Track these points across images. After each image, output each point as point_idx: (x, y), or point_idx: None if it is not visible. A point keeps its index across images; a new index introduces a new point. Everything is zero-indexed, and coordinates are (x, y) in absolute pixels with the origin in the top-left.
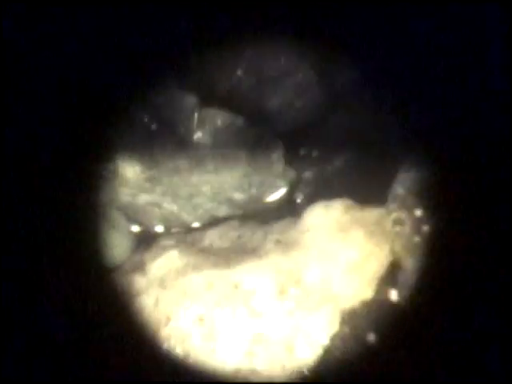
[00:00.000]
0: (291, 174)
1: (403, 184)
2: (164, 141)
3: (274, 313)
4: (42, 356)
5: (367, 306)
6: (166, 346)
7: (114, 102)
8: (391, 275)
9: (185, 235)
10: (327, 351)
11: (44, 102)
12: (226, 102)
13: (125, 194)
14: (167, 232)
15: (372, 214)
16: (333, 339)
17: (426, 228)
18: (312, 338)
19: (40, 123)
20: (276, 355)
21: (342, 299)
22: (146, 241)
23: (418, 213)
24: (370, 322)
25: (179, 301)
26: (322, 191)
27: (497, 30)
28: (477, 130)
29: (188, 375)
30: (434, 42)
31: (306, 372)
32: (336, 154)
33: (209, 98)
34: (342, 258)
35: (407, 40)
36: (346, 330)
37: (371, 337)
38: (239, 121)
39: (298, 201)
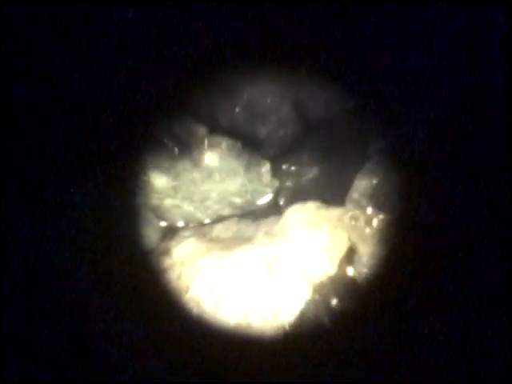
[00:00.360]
0: (276, 183)
1: (358, 190)
2: (183, 160)
3: (264, 284)
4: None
5: (332, 279)
6: (186, 308)
7: (148, 132)
8: (349, 257)
9: (199, 228)
10: (302, 312)
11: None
12: (228, 131)
13: (155, 199)
14: (186, 226)
15: (335, 212)
16: (306, 304)
17: (374, 222)
18: (291, 303)
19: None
20: (265, 315)
21: (313, 274)
22: (171, 233)
23: (369, 211)
24: (333, 291)
25: (195, 276)
26: (299, 196)
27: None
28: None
29: (202, 328)
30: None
31: (287, 327)
32: (308, 168)
33: (215, 129)
34: (313, 245)
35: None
36: (316, 296)
37: (334, 302)
38: (238, 145)
39: (281, 203)
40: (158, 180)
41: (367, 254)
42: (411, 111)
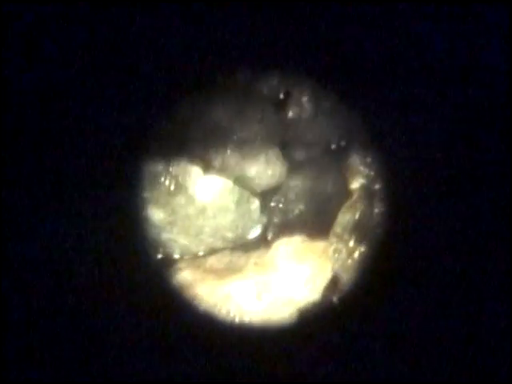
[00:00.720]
0: (264, 219)
1: (340, 225)
2: (179, 198)
3: (253, 310)
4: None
5: (316, 305)
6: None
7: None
8: (332, 285)
9: (193, 260)
10: (290, 329)
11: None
12: (220, 171)
13: (153, 233)
14: (182, 258)
15: (319, 245)
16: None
17: (355, 254)
18: (278, 327)
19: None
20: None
21: (299, 301)
22: (168, 264)
23: (351, 244)
24: (317, 315)
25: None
26: (285, 230)
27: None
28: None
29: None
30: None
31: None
32: (294, 205)
33: (208, 169)
34: (298, 275)
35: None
36: (302, 320)
37: (318, 324)
38: (229, 184)
39: (269, 237)
40: (156, 215)
41: (347, 282)
42: (399, 146)
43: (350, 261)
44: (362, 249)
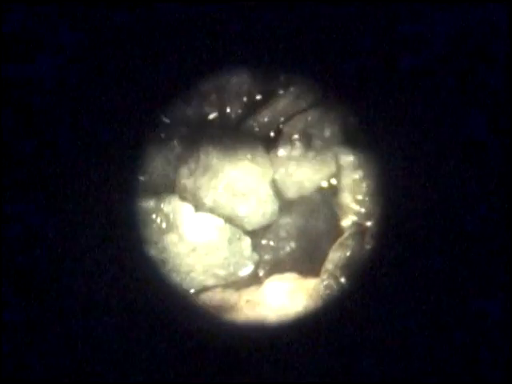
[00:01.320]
0: (255, 256)
1: (331, 262)
2: (170, 235)
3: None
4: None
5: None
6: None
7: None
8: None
9: None
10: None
11: None
12: (211, 209)
13: (144, 270)
14: None
15: (310, 282)
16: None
17: (346, 290)
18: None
19: None
20: None
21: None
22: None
23: (342, 280)
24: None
25: None
26: (277, 268)
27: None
28: None
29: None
30: None
31: None
32: (285, 243)
33: (200, 207)
34: (290, 312)
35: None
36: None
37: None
38: (220, 222)
39: (261, 274)
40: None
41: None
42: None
43: (341, 297)
44: (353, 285)
